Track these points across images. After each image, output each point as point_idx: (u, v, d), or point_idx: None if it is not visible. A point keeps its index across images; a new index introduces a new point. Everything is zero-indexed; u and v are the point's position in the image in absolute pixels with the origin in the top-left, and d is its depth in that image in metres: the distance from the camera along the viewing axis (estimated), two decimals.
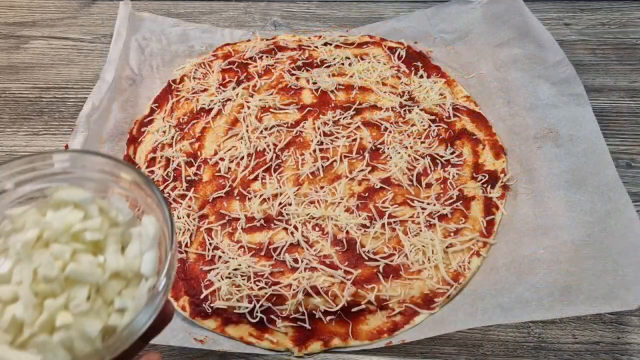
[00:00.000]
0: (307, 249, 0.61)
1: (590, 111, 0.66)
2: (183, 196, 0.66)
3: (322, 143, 0.70)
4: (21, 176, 0.38)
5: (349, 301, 0.57)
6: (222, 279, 0.59)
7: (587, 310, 0.52)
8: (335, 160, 0.69)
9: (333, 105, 0.75)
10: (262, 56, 0.80)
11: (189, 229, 0.63)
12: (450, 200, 0.65)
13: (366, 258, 0.60)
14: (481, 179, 0.67)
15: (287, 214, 0.64)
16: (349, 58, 0.80)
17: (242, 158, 0.69)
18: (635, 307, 0.51)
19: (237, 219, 0.64)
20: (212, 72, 0.79)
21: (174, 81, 0.78)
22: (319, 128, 0.71)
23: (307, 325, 0.57)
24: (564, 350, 0.56)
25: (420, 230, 0.62)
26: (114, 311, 0.33)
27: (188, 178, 0.68)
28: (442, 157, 0.69)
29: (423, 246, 0.61)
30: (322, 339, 0.57)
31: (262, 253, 0.61)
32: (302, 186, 0.67)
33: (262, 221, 0.63)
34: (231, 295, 0.58)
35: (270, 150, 0.69)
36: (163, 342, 0.54)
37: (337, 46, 0.82)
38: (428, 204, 0.64)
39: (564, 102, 0.68)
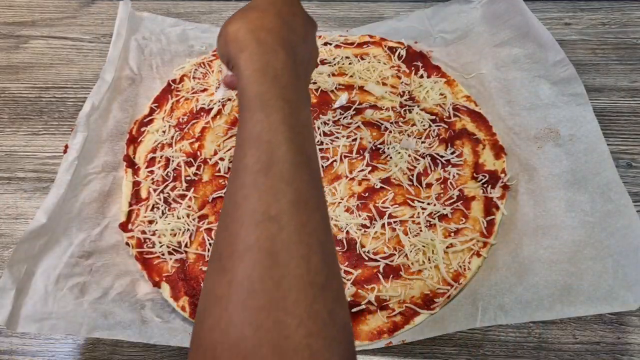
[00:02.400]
0: None
1: (590, 111, 0.66)
2: (183, 196, 0.66)
3: (322, 143, 0.70)
4: None
5: (348, 301, 0.57)
6: None
7: (588, 311, 0.52)
8: (335, 160, 0.69)
9: (333, 105, 0.75)
10: None
11: (188, 229, 0.63)
12: (451, 200, 0.65)
13: (366, 258, 0.60)
14: (481, 179, 0.67)
15: None
16: (349, 58, 0.80)
17: None
18: (635, 307, 0.51)
19: None
20: (212, 71, 0.78)
21: (173, 81, 0.78)
22: (319, 128, 0.71)
23: None
24: (565, 350, 0.56)
25: (421, 231, 0.62)
26: None
27: (188, 178, 0.68)
28: (442, 157, 0.69)
29: (423, 246, 0.61)
30: None
31: None
32: None
33: None
34: None
35: None
36: (163, 342, 0.54)
37: (337, 46, 0.82)
38: (428, 204, 0.64)
39: (565, 102, 0.68)
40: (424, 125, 0.72)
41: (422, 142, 0.71)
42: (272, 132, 0.37)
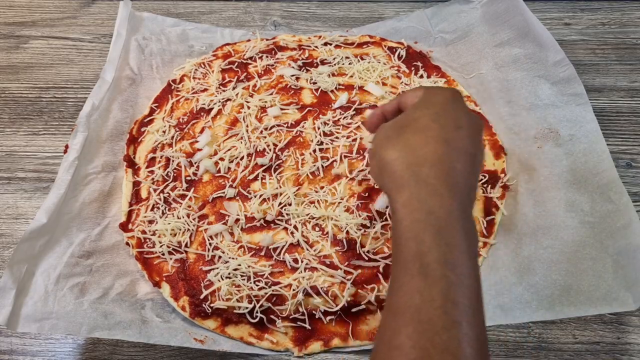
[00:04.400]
0: (307, 249, 0.61)
1: (590, 111, 0.66)
2: (183, 196, 0.66)
3: (322, 143, 0.70)
4: None
5: (349, 301, 0.57)
6: (222, 279, 0.59)
7: (588, 311, 0.52)
8: (335, 160, 0.69)
9: (333, 105, 0.75)
10: (262, 56, 0.80)
11: (188, 229, 0.63)
12: None
13: (366, 258, 0.60)
14: (481, 179, 0.66)
15: (287, 214, 0.64)
16: (348, 58, 0.80)
17: (242, 158, 0.69)
18: (635, 307, 0.51)
19: (237, 220, 0.64)
20: (212, 72, 0.79)
21: (173, 81, 0.78)
22: (319, 128, 0.71)
23: (307, 326, 0.57)
24: (564, 350, 0.56)
25: None
26: None
27: (188, 178, 0.68)
28: None
29: None
30: (322, 339, 0.57)
31: (262, 253, 0.61)
32: (302, 186, 0.67)
33: (262, 221, 0.63)
34: (231, 295, 0.58)
35: (270, 150, 0.69)
36: (163, 342, 0.54)
37: (337, 46, 0.82)
38: None
39: (564, 102, 0.68)
40: None
41: None
42: (433, 311, 0.33)
